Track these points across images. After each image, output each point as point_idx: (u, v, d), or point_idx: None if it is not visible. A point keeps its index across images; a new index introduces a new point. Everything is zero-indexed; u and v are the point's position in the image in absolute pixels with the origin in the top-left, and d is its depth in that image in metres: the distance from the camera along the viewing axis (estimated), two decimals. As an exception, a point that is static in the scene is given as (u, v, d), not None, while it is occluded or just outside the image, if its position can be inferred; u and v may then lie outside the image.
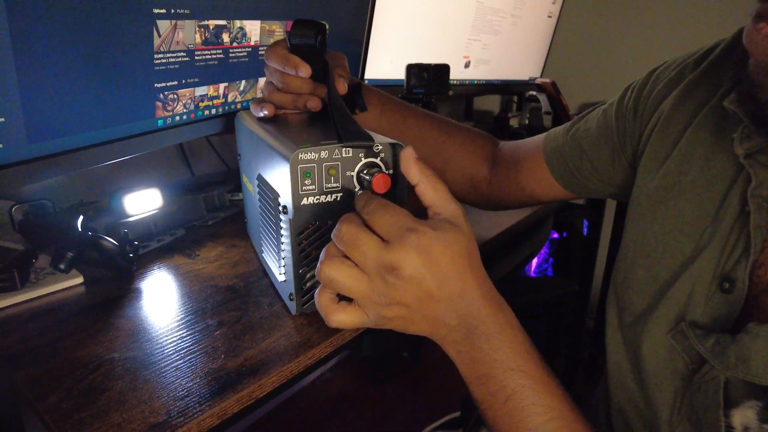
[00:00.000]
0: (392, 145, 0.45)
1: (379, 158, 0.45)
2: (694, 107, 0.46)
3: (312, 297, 0.49)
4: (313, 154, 0.43)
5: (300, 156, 0.43)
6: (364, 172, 0.45)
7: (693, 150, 0.44)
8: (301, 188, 0.44)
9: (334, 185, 0.45)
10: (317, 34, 0.51)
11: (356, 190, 0.45)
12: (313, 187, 0.44)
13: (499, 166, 0.65)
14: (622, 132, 0.53)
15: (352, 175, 0.45)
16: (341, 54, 0.59)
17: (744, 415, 0.37)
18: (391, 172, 0.45)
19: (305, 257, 0.47)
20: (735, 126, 0.40)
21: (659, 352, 0.44)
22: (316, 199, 0.45)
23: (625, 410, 0.50)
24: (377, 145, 0.44)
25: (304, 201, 0.45)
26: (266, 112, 0.55)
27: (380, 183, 0.41)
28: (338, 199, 0.45)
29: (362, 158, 0.44)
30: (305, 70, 0.53)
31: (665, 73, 0.51)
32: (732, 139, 0.40)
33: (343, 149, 0.44)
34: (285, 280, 0.51)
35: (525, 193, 0.64)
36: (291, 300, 0.50)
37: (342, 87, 0.53)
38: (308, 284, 0.48)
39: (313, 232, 0.46)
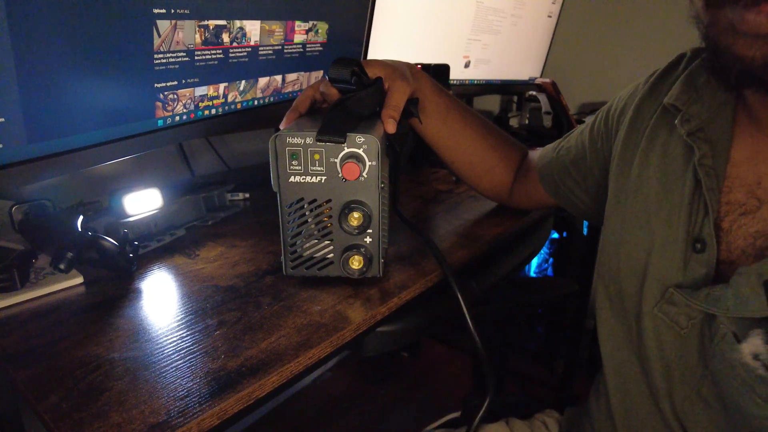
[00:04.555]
0: (372, 139, 0.50)
1: (361, 149, 0.50)
2: (651, 111, 0.53)
3: (300, 264, 0.55)
4: (299, 139, 0.50)
5: (279, 138, 0.50)
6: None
7: (652, 146, 0.51)
8: (289, 167, 0.51)
9: (319, 168, 0.51)
10: (351, 74, 0.54)
11: (339, 175, 0.50)
12: (300, 167, 0.51)
13: (519, 176, 0.75)
14: (594, 150, 0.62)
15: (336, 162, 0.50)
16: (402, 89, 0.58)
17: (752, 344, 0.39)
18: (373, 163, 0.50)
19: (294, 227, 0.53)
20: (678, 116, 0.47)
21: (655, 325, 0.47)
22: (302, 179, 0.51)
23: (629, 401, 0.51)
24: (359, 137, 0.49)
25: (291, 179, 0.51)
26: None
27: (349, 171, 0.49)
28: (322, 181, 0.51)
29: (345, 148, 0.50)
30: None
31: (628, 90, 0.59)
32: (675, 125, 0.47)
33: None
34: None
35: (532, 199, 0.75)
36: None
37: (390, 128, 0.54)
38: (297, 251, 0.54)
39: (301, 207, 0.52)
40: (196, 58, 0.66)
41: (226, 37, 0.69)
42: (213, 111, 0.74)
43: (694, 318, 0.44)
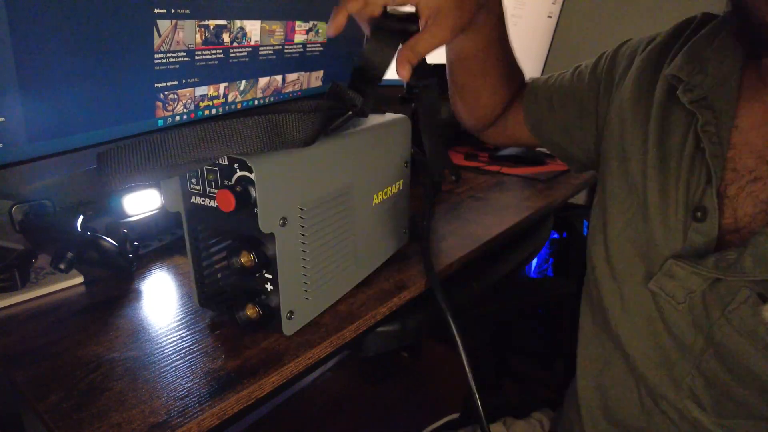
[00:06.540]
0: (255, 167, 0.40)
1: (253, 174, 0.40)
2: (653, 84, 0.50)
3: (213, 296, 0.49)
4: None
5: None
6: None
7: (658, 120, 0.49)
8: (189, 185, 0.44)
9: (215, 190, 0.43)
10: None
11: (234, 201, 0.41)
12: (198, 187, 0.44)
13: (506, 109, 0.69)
14: (592, 95, 0.58)
15: (230, 185, 0.42)
16: (437, 34, 0.49)
17: None
18: (254, 195, 0.41)
19: (202, 256, 0.48)
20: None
21: (646, 302, 0.46)
22: (202, 201, 0.44)
23: (609, 382, 0.51)
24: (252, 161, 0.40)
25: (193, 199, 0.45)
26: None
27: (222, 199, 0.40)
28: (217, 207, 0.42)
29: (237, 170, 0.41)
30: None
31: (632, 46, 0.57)
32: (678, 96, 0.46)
33: (219, 158, 0.42)
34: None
35: (506, 133, 0.69)
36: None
37: (404, 73, 0.47)
38: (206, 282, 0.49)
39: (204, 229, 0.47)
40: (196, 57, 0.66)
41: (226, 37, 0.69)
42: (213, 111, 0.74)
43: (694, 291, 0.43)
